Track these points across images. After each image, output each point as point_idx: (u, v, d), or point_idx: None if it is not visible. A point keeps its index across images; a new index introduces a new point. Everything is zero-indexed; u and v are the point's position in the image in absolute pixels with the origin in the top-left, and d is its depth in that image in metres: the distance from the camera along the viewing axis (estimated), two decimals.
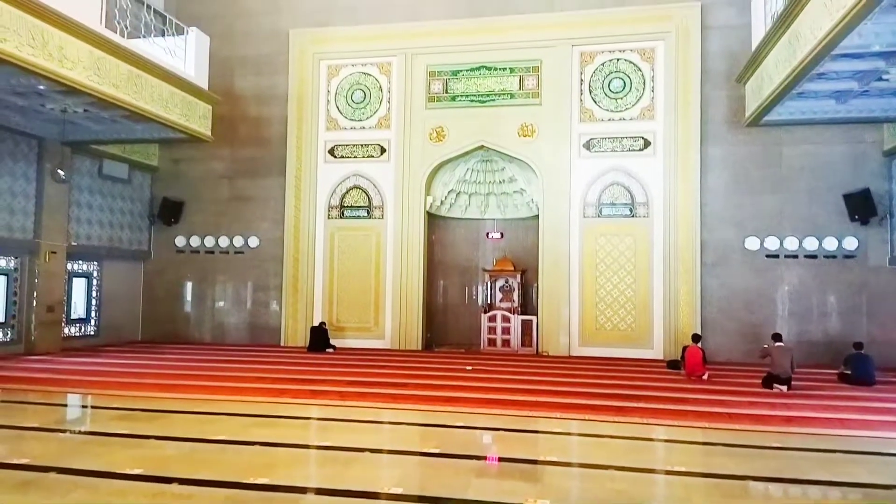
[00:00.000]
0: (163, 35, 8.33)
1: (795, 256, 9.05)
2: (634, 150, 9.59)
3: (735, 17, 9.16)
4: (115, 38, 7.29)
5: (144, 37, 7.91)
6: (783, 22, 6.79)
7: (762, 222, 9.13)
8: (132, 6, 7.88)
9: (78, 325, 9.97)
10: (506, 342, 9.86)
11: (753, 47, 8.15)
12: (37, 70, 6.33)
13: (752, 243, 9.14)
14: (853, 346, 7.38)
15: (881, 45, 5.91)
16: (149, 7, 7.93)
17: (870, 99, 7.63)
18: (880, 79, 6.84)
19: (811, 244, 8.98)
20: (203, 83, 8.91)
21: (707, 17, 9.37)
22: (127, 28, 7.63)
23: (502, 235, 10.99)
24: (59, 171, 7.76)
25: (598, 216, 9.69)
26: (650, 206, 9.50)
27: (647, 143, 9.56)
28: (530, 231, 10.35)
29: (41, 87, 6.95)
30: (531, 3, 9.95)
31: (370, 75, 10.52)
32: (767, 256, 9.12)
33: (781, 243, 9.06)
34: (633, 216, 9.58)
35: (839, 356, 7.66)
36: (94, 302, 10.22)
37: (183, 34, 8.56)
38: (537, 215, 10.01)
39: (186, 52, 8.57)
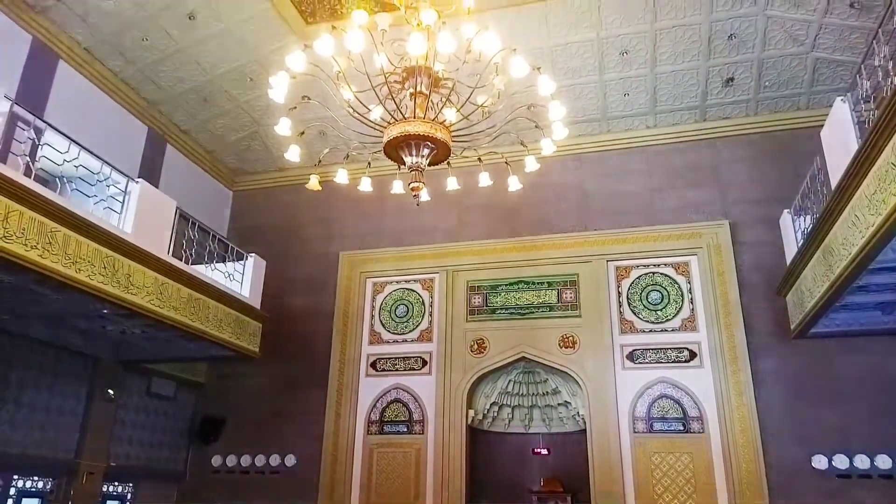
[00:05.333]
0: (223, 260, 9.01)
1: (869, 476, 8.31)
2: (680, 362, 9.43)
3: (765, 233, 9.49)
4: (180, 265, 7.90)
5: (207, 263, 8.56)
6: (813, 240, 7.00)
7: (827, 439, 8.55)
8: (198, 236, 8.64)
9: None
10: None
11: (788, 262, 8.33)
12: (105, 296, 6.80)
13: (820, 462, 8.48)
14: None
15: None
16: (213, 237, 8.70)
17: None
18: None
19: (884, 462, 8.27)
20: (256, 303, 9.40)
21: (737, 233, 9.72)
22: (192, 256, 8.30)
23: (549, 451, 10.47)
24: (109, 390, 7.96)
25: (650, 431, 9.24)
26: (705, 422, 9.06)
27: (692, 355, 9.41)
28: (578, 447, 9.86)
29: (105, 310, 7.38)
30: (565, 223, 10.57)
31: (413, 291, 10.95)
32: (839, 476, 8.39)
33: (851, 462, 8.38)
34: (687, 432, 9.11)
35: None
36: None
37: (242, 259, 9.25)
38: (584, 429, 9.62)
39: (244, 276, 9.19)
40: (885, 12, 5.73)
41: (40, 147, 6.72)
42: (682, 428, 9.16)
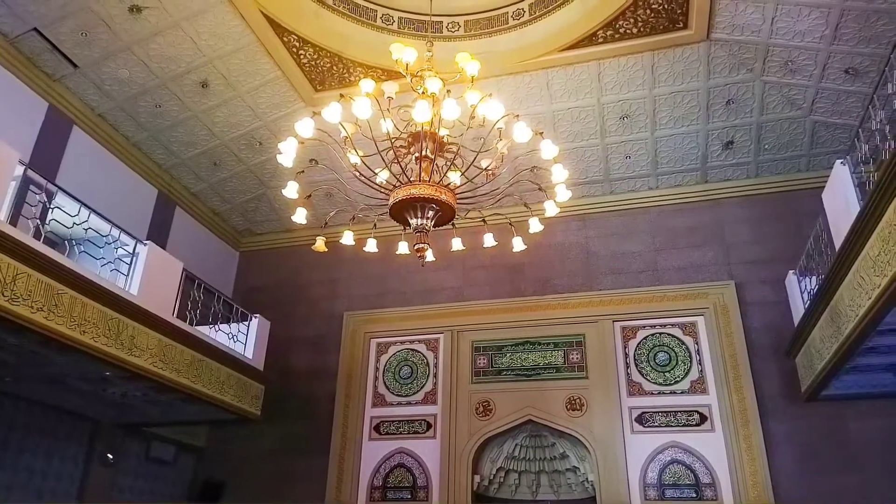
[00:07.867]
0: (228, 322, 8.99)
1: None
2: (691, 426, 9.22)
3: (771, 294, 9.45)
4: (185, 327, 7.88)
5: (211, 324, 8.54)
6: (820, 301, 6.97)
7: None
8: (204, 297, 8.65)
9: None
10: None
11: (795, 323, 8.26)
12: (108, 358, 6.76)
13: None
14: None
15: None
16: (219, 298, 8.71)
17: None
18: None
19: None
20: (259, 365, 9.32)
21: (743, 293, 9.67)
22: (197, 317, 8.29)
23: None
24: (108, 455, 7.81)
25: (662, 499, 8.94)
26: (717, 488, 8.78)
27: (703, 418, 9.21)
28: None
29: (107, 373, 7.32)
30: (570, 283, 10.56)
31: (418, 352, 10.85)
32: None
33: None
34: (699, 499, 8.80)
35: None
36: None
37: (247, 320, 9.23)
38: (594, 496, 9.33)
39: (248, 337, 9.15)
40: (879, 78, 5.87)
41: (51, 210, 6.83)
42: (694, 495, 8.87)
